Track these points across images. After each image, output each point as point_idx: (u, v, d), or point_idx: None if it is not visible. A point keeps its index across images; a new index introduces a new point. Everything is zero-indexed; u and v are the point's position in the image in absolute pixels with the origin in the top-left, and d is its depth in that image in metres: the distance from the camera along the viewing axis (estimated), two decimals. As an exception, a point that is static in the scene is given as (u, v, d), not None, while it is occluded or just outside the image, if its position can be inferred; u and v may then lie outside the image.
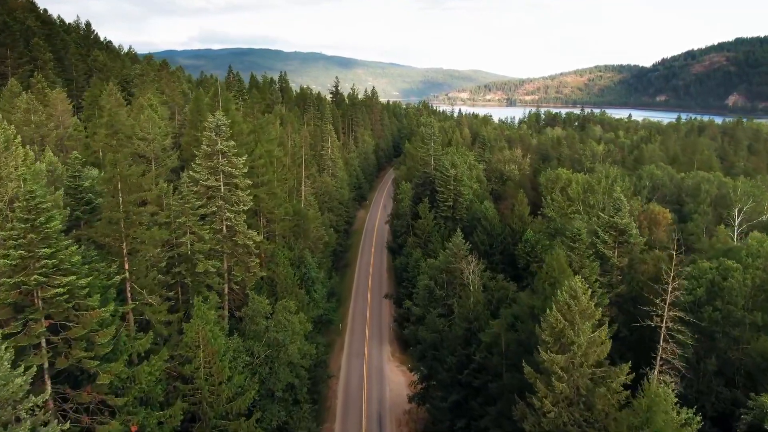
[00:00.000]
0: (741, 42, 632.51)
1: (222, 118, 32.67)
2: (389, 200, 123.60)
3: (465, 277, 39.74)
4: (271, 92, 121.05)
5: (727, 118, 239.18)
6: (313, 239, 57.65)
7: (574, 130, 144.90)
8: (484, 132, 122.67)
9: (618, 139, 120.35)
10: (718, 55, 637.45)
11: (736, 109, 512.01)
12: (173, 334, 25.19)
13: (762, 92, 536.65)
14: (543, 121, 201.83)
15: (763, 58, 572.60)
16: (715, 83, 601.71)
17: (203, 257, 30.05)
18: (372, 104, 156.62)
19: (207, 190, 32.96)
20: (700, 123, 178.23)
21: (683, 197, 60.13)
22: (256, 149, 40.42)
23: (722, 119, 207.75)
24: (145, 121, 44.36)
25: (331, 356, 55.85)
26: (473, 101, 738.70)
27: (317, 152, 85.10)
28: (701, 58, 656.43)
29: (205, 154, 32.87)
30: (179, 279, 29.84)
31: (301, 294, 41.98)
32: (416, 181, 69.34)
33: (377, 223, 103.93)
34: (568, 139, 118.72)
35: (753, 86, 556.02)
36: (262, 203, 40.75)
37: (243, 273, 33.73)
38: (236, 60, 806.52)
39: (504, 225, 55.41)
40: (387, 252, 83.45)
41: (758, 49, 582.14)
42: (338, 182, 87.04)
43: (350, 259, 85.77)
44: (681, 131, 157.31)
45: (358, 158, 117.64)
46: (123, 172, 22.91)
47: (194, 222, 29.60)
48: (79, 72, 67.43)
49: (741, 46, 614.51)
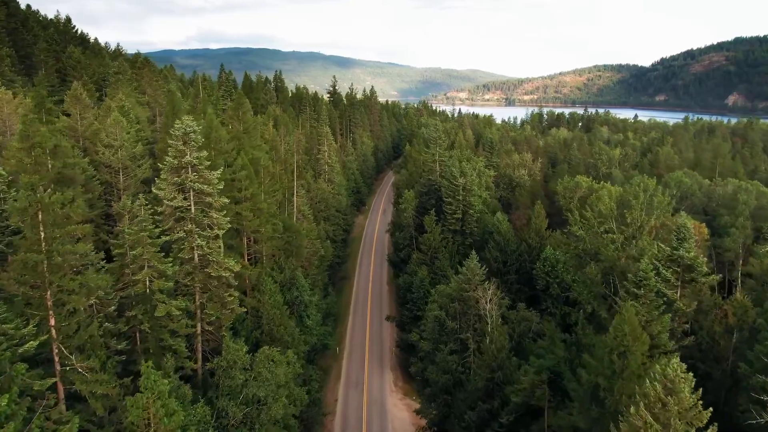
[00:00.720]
0: (740, 41, 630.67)
1: (191, 123, 26.78)
2: (389, 204, 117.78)
3: (481, 307, 34.11)
4: (265, 92, 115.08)
5: (726, 117, 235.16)
6: (306, 256, 51.85)
7: (580, 131, 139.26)
8: (488, 134, 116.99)
9: (628, 141, 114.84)
10: (718, 55, 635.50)
11: (735, 108, 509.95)
12: (119, 409, 19.35)
13: (762, 92, 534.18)
14: (545, 122, 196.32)
15: (763, 58, 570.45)
16: (715, 83, 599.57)
17: (166, 297, 24.17)
18: (371, 104, 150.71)
19: (174, 211, 27.08)
20: (710, 124, 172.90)
21: (714, 207, 54.58)
22: (238, 159, 34.57)
23: (726, 119, 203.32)
24: (112, 125, 38.44)
25: (327, 386, 49.97)
26: (472, 101, 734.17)
27: (313, 156, 79.22)
28: (700, 58, 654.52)
29: (172, 168, 26.99)
30: (135, 325, 23.96)
31: (291, 327, 36.14)
32: (420, 189, 63.53)
33: (377, 230, 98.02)
34: (577, 142, 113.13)
35: (753, 86, 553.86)
36: (246, 222, 34.90)
37: (218, 311, 27.87)
38: (234, 60, 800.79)
39: (519, 240, 49.75)
40: (388, 264, 77.72)
41: (758, 48, 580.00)
42: (335, 188, 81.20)
43: (348, 271, 79.83)
44: (690, 132, 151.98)
45: (356, 161, 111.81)
46: (45, 200, 17.05)
47: (154, 254, 23.72)
48: (50, 70, 61.30)
49: (740, 45, 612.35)
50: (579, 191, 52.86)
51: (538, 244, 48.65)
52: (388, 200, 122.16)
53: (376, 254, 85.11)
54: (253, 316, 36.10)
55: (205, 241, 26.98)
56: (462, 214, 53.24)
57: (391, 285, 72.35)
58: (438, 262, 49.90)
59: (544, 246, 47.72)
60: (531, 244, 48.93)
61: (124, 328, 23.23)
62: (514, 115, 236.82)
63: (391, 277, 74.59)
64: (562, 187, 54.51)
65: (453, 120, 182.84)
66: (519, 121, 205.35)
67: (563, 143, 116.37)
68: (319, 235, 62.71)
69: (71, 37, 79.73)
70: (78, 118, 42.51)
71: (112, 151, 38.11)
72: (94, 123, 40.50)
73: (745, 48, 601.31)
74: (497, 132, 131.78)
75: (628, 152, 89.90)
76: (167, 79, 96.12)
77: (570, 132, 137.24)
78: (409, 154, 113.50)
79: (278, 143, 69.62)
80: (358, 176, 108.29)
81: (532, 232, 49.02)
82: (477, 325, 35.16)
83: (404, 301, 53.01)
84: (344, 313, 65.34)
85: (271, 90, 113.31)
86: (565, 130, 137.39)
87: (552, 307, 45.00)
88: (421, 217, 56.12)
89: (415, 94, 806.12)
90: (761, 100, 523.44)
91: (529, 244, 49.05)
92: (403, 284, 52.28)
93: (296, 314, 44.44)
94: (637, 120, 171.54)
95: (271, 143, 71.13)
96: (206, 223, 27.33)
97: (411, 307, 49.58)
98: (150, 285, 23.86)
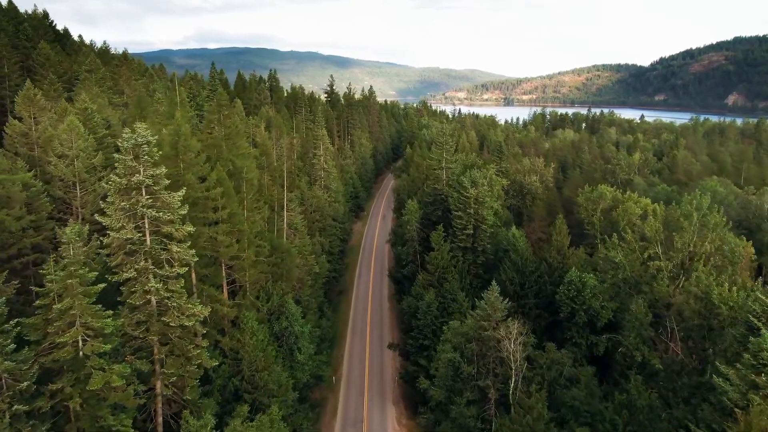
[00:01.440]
0: (740, 41, 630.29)
1: (144, 132, 20.93)
2: (389, 210, 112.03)
3: (504, 348, 28.46)
4: (258, 92, 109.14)
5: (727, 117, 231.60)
6: (299, 276, 46.01)
7: (586, 132, 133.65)
8: (493, 135, 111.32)
9: (638, 143, 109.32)
10: (717, 54, 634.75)
11: (736, 108, 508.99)
12: None
13: (762, 91, 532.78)
14: (548, 122, 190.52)
15: (762, 57, 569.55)
16: (714, 82, 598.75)
17: (104, 362, 18.36)
18: (369, 105, 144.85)
19: (123, 244, 21.24)
20: (719, 125, 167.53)
21: (751, 219, 49.07)
22: (213, 172, 28.76)
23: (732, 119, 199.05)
24: (65, 131, 32.53)
25: (322, 423, 44.19)
26: (470, 101, 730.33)
27: (308, 161, 73.37)
28: (700, 58, 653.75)
29: (119, 189, 21.13)
30: (63, 400, 18.11)
31: (277, 373, 30.31)
32: (424, 199, 57.68)
33: (377, 238, 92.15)
34: (586, 144, 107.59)
35: (753, 85, 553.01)
36: (222, 248, 29.07)
37: (180, 368, 22.03)
38: (232, 59, 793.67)
39: (538, 260, 44.10)
40: (389, 279, 71.95)
41: (757, 48, 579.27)
42: (332, 195, 75.21)
43: (346, 284, 73.98)
44: (699, 133, 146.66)
45: (354, 165, 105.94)
46: None
47: (86, 306, 17.89)
48: (12, 67, 55.24)
49: (740, 45, 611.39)
50: (602, 203, 47.34)
51: (560, 264, 43.02)
52: (387, 205, 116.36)
53: (376, 265, 79.30)
54: (232, 358, 30.30)
55: (162, 283, 21.14)
56: (473, 230, 47.46)
57: (392, 302, 66.51)
58: (447, 284, 44.15)
59: (566, 266, 42.10)
60: (552, 263, 43.28)
61: (46, 407, 17.38)
62: (513, 115, 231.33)
63: (392, 292, 68.76)
64: (583, 198, 48.89)
65: (454, 121, 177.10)
66: (521, 121, 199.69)
67: (571, 146, 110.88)
68: (314, 249, 56.92)
69: (45, 32, 73.56)
70: (32, 123, 36.64)
71: (66, 162, 32.25)
72: (48, 128, 34.56)
73: (744, 47, 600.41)
74: (501, 134, 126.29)
75: (648, 157, 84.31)
76: (153, 78, 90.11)
77: (576, 133, 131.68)
78: (410, 158, 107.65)
79: (270, 148, 63.83)
80: (357, 180, 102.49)
81: (553, 250, 43.37)
82: (498, 369, 29.47)
83: (408, 328, 47.22)
84: (341, 334, 59.45)
85: (265, 90, 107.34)
86: (572, 131, 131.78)
87: (577, 336, 39.37)
88: (426, 230, 50.31)
89: (413, 93, 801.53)
90: (761, 99, 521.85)
91: (550, 263, 43.39)
92: (407, 308, 46.47)
93: (286, 348, 38.64)
94: (643, 120, 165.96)
95: (263, 148, 65.38)
96: (164, 259, 21.47)
97: (416, 335, 43.81)
98: (82, 347, 18.02)
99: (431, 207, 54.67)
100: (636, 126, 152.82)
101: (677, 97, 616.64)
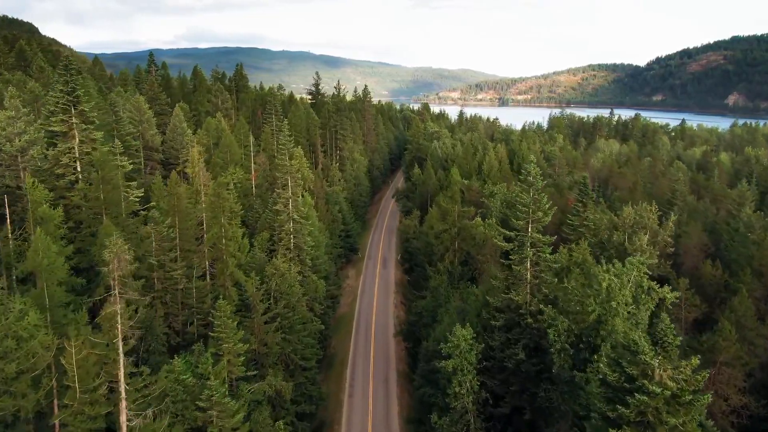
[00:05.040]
0: (738, 40, 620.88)
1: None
2: (390, 242, 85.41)
3: None
4: (214, 93, 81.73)
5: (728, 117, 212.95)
6: None
7: (634, 144, 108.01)
8: (524, 149, 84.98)
9: (710, 160, 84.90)
10: (715, 54, 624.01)
11: (737, 108, 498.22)
12: None
13: (763, 91, 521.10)
14: (566, 126, 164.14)
15: (762, 57, 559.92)
16: (714, 82, 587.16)
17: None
18: (363, 108, 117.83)
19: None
20: (764, 130, 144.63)
21: None
22: None
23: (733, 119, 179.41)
24: None
25: None
26: (464, 101, 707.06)
27: (270, 206, 46.45)
28: (698, 57, 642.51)
29: None
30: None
31: None
32: (490, 321, 28.54)
33: (376, 302, 65.17)
34: (648, 163, 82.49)
35: (753, 85, 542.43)
36: None
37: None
38: (223, 59, 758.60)
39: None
40: (401, 379, 45.03)
41: (756, 47, 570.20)
42: (310, 250, 47.92)
43: (329, 413, 45.23)
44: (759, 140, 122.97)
45: (345, 191, 79.23)
46: None
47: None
48: None
49: (738, 44, 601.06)
50: None
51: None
52: (388, 236, 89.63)
53: (378, 363, 50.32)
54: None
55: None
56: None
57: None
58: None
59: None
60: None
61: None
62: (512, 115, 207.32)
63: (409, 402, 41.59)
64: None
65: (463, 126, 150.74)
66: (524, 123, 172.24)
67: (625, 164, 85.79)
68: (269, 382, 30.40)
69: None
70: None
71: None
72: None
73: (743, 47, 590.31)
74: (526, 146, 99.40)
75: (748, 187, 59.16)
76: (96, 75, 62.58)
77: (624, 144, 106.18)
78: (419, 181, 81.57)
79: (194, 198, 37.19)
80: (348, 212, 75.75)
81: None
82: None
83: None
84: None
85: (223, 91, 79.83)
86: (616, 143, 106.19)
87: None
88: (493, 378, 23.79)
89: (406, 93, 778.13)
90: (762, 99, 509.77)
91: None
92: None
93: None
94: (684, 125, 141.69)
95: (193, 189, 38.75)
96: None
97: None
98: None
99: (500, 335, 27.11)
100: (682, 133, 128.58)
101: (675, 97, 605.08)
